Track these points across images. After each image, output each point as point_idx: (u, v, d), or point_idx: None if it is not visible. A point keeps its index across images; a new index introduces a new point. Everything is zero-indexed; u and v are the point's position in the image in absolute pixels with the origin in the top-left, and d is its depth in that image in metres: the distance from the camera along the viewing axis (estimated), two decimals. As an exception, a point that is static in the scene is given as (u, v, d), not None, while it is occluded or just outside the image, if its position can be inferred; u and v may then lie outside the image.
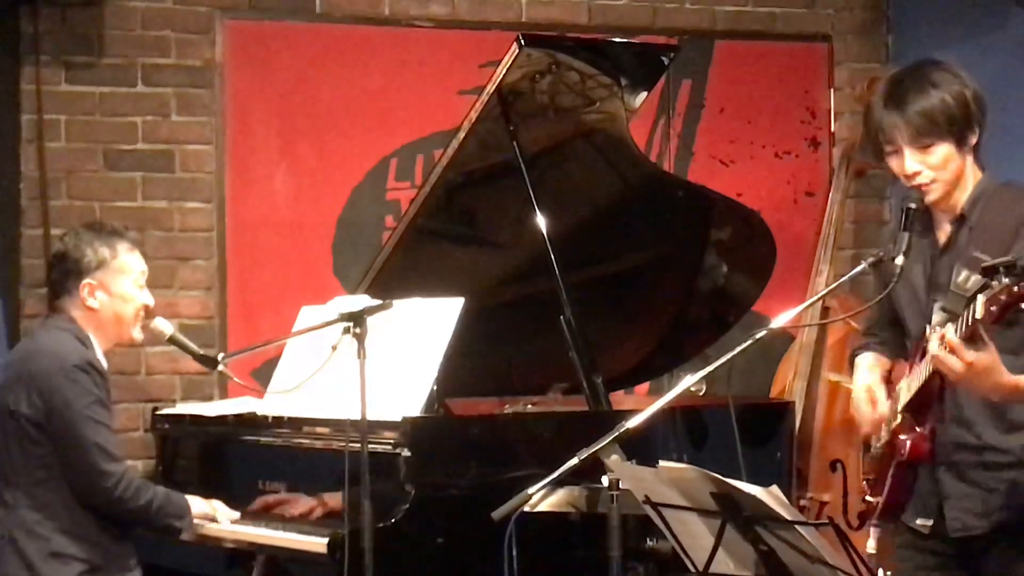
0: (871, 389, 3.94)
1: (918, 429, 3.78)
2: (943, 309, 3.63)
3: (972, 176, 3.77)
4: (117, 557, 4.47)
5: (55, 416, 4.40)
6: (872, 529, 4.01)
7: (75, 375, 4.41)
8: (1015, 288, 3.32)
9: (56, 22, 5.91)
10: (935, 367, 3.56)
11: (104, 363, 4.54)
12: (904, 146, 3.71)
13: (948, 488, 3.78)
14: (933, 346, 3.53)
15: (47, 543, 4.39)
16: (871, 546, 4.00)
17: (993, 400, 3.65)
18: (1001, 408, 3.72)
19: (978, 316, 3.38)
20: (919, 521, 3.85)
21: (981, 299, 3.38)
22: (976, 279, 3.49)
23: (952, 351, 3.47)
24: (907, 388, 3.79)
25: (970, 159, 3.77)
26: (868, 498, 3.94)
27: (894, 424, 3.84)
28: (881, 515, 3.90)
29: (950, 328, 3.49)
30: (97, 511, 4.44)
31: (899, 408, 3.82)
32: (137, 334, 4.65)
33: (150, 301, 4.64)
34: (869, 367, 4.03)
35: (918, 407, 3.77)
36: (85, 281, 4.54)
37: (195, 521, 4.56)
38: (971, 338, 3.45)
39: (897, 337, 4.01)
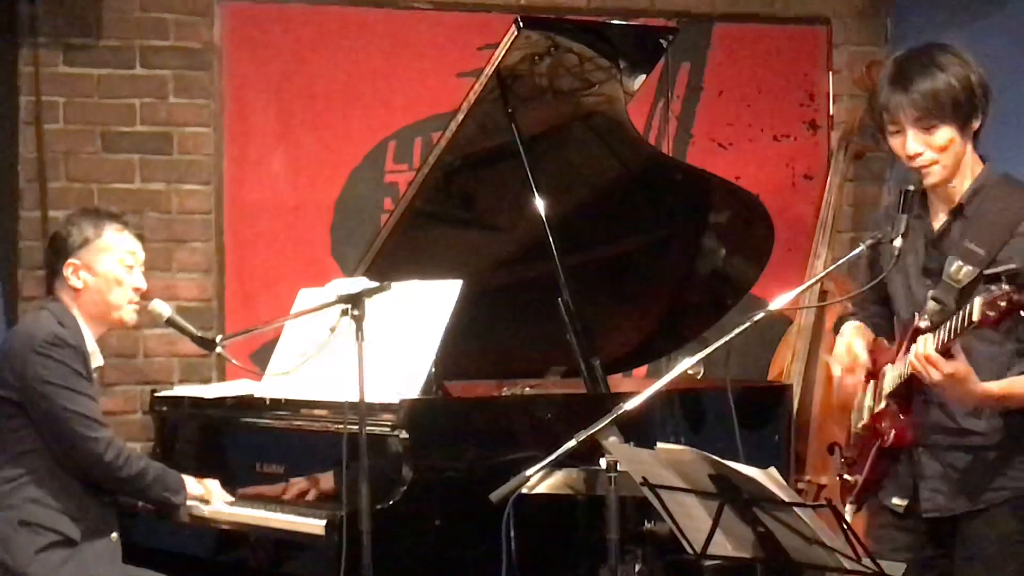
0: (850, 345, 3.93)
1: (902, 416, 3.80)
2: (934, 299, 3.65)
3: (972, 165, 3.77)
4: (96, 530, 4.45)
5: (31, 392, 4.39)
6: (848, 507, 4.03)
7: (46, 349, 4.39)
8: (1015, 296, 3.34)
9: (54, 4, 5.91)
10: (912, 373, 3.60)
11: (91, 344, 4.51)
12: (908, 126, 3.71)
13: (925, 469, 3.81)
14: (912, 354, 3.55)
15: (16, 512, 4.37)
16: None
17: (963, 407, 3.69)
18: None
19: (975, 319, 3.40)
20: (895, 500, 3.88)
21: (979, 302, 3.40)
22: (968, 270, 3.55)
23: (930, 364, 3.52)
24: (895, 375, 3.81)
25: (970, 147, 3.77)
26: (847, 476, 3.97)
27: (877, 409, 3.87)
28: (858, 495, 3.93)
29: (930, 341, 3.54)
30: (92, 482, 4.43)
31: (884, 393, 3.84)
32: (129, 316, 4.60)
33: (141, 283, 4.60)
34: (856, 329, 4.01)
35: (904, 395, 3.80)
36: (69, 261, 4.52)
37: (190, 502, 4.55)
38: (949, 350, 3.50)
39: (883, 316, 4.02)
